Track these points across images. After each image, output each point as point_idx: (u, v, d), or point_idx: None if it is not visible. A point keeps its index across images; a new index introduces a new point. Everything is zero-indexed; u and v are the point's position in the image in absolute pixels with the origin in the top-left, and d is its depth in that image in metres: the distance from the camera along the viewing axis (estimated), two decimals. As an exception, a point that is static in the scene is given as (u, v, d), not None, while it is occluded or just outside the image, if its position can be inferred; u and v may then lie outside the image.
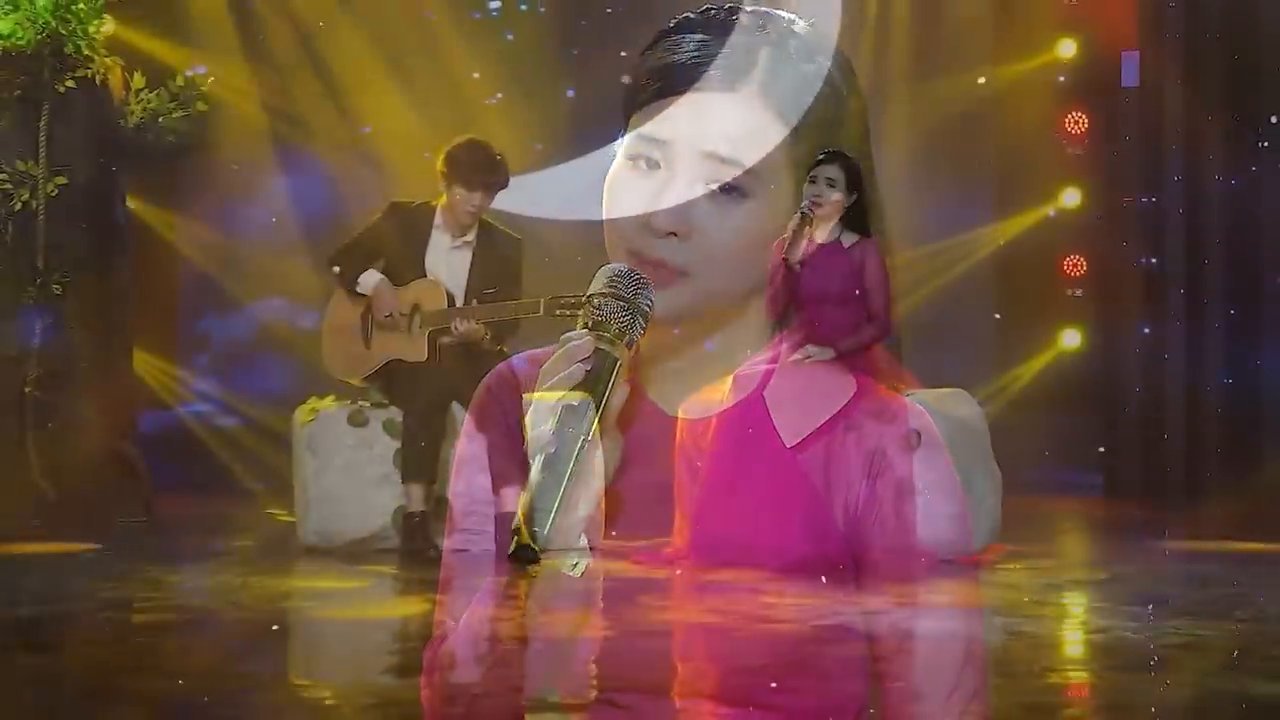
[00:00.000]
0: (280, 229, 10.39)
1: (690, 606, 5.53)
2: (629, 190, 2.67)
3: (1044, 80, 11.31)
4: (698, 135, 2.67)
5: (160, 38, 10.60)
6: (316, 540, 7.01)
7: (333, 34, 11.15)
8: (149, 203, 10.55)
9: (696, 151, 2.65)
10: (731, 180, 2.68)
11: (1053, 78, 11.33)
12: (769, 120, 2.77)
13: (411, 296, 6.99)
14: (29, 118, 8.06)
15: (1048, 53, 11.27)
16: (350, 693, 2.53)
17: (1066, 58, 11.26)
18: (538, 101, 11.35)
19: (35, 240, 8.04)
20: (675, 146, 2.66)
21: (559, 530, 2.78)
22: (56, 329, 8.11)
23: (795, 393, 6.78)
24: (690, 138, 2.66)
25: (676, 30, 2.76)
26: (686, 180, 2.64)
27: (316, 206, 10.35)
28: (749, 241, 2.83)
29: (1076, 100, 11.28)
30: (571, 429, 2.45)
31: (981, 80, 11.33)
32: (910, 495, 6.70)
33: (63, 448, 8.08)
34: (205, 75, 8.84)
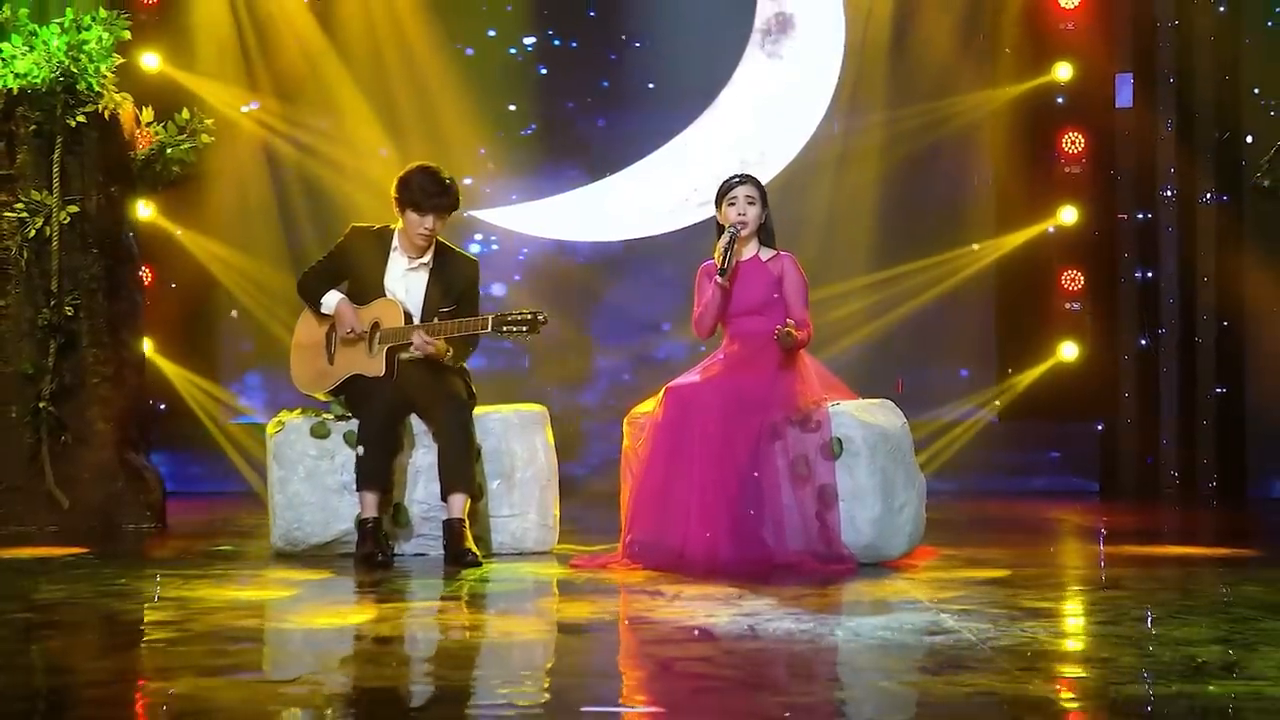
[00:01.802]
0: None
1: (553, 611, 5.52)
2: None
3: (1042, 102, 11.14)
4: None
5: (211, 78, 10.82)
6: (283, 545, 7.05)
7: (379, 67, 11.25)
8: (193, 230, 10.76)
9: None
10: None
11: (1051, 99, 11.15)
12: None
13: (371, 315, 7.02)
14: (44, 150, 8.17)
15: (1045, 75, 11.10)
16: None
17: (1064, 80, 11.08)
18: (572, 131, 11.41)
19: (49, 265, 8.15)
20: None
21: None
22: (69, 347, 8.21)
23: (723, 404, 6.77)
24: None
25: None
26: None
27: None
28: None
29: (1073, 121, 11.10)
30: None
31: (983, 101, 11.21)
32: (833, 501, 6.69)
33: (75, 459, 8.20)
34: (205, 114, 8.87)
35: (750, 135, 11.33)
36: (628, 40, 11.43)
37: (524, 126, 11.40)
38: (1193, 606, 5.47)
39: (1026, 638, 4.72)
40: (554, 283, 11.20)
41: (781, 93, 11.36)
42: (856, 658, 4.54)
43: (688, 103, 11.40)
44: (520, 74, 11.40)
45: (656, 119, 11.35)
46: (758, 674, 4.29)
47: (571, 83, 11.42)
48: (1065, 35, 11.10)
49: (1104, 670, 4.22)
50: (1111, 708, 3.77)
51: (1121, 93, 11.00)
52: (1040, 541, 8.11)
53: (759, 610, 5.28)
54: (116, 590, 5.91)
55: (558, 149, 11.37)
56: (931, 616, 5.16)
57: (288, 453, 7.06)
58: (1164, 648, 4.55)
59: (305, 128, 11.14)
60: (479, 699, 4.00)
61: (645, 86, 11.38)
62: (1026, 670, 4.20)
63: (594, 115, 11.50)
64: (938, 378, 11.38)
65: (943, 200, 11.26)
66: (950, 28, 11.21)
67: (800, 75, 11.39)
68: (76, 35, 8.18)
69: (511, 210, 11.44)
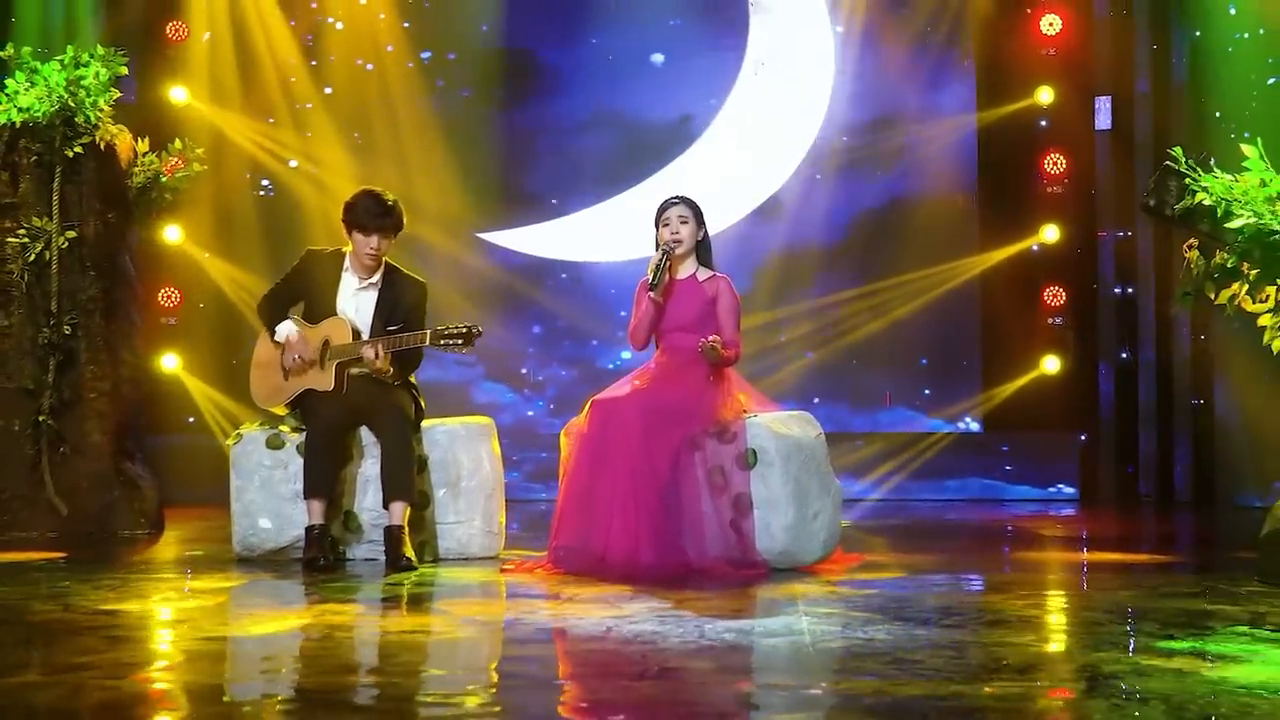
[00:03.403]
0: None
1: (465, 611, 5.53)
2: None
3: (1025, 124, 11.06)
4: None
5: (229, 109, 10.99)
6: (242, 550, 7.12)
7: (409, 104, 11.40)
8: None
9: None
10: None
11: (1033, 122, 11.06)
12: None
13: (322, 333, 7.08)
14: (44, 180, 8.31)
15: (1028, 99, 11.02)
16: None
17: (1045, 104, 10.99)
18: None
19: (49, 287, 8.29)
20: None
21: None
22: (68, 364, 8.35)
23: (644, 416, 6.77)
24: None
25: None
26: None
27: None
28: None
29: (1055, 143, 11.00)
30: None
31: (967, 123, 11.16)
32: (748, 509, 6.66)
33: (74, 469, 8.31)
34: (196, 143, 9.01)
35: (742, 157, 11.35)
36: (623, 60, 11.48)
37: (531, 153, 11.48)
38: (1044, 611, 5.40)
39: (857, 640, 4.67)
40: (578, 300, 11.36)
41: (773, 116, 11.35)
42: (670, 657, 4.51)
43: (685, 127, 11.45)
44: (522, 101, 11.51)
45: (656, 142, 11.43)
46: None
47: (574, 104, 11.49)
48: (1047, 61, 11.03)
49: (897, 671, 4.17)
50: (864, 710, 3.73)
51: (1100, 115, 10.89)
52: (986, 548, 8.02)
53: (634, 612, 5.27)
54: (54, 591, 5.97)
55: (562, 173, 11.43)
56: (788, 620, 5.13)
57: (245, 463, 7.14)
58: (980, 650, 4.49)
59: (320, 161, 11.28)
60: (335, 694, 4.01)
61: (646, 109, 11.43)
62: (794, 671, 4.17)
63: (595, 136, 11.54)
64: (923, 389, 11.32)
65: (928, 219, 11.20)
66: (934, 53, 11.18)
67: (790, 100, 11.37)
68: (75, 71, 8.32)
69: (519, 233, 11.51)
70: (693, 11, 11.43)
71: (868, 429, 11.28)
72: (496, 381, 11.56)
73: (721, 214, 11.33)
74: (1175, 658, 4.34)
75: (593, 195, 11.42)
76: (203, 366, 11.00)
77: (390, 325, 7.06)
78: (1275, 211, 5.93)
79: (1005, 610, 5.35)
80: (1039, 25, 11.00)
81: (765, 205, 11.38)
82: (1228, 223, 5.93)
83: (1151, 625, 4.99)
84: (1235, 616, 5.16)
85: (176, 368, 10.97)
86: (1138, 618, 5.19)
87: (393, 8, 11.49)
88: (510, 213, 11.53)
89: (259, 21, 11.24)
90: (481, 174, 11.45)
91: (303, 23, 11.45)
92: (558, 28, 11.52)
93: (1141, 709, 3.65)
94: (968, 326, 11.26)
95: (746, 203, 11.34)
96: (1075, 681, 4.00)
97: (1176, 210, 6.12)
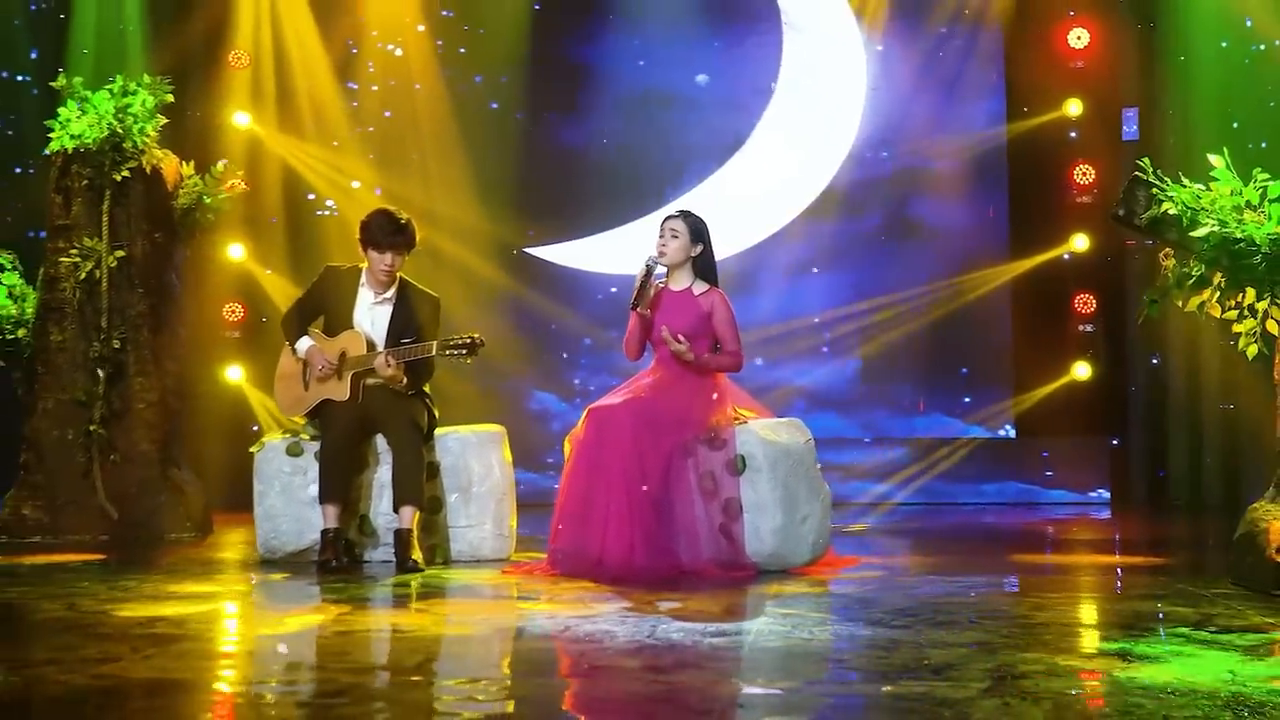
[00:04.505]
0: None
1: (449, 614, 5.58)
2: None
3: (1055, 136, 10.96)
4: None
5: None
6: (265, 553, 7.24)
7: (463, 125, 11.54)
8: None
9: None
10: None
11: (1063, 134, 10.95)
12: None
13: (339, 345, 7.18)
14: (95, 202, 8.51)
15: (1057, 111, 10.92)
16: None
17: (1074, 116, 10.89)
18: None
19: (100, 303, 8.48)
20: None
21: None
22: (118, 377, 8.53)
23: (636, 424, 6.80)
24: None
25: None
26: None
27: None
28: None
29: (1084, 154, 10.89)
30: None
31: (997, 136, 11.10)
32: (738, 514, 6.68)
33: (123, 476, 8.49)
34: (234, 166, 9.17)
35: (778, 171, 11.36)
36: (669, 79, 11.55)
37: (577, 171, 11.56)
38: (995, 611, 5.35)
39: (797, 640, 4.67)
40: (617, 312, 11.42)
41: (808, 131, 11.35)
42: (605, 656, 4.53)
43: (724, 141, 11.49)
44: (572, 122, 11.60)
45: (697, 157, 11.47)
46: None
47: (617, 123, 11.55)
48: (1075, 74, 10.92)
49: (814, 668, 4.18)
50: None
51: (1127, 127, 10.75)
52: (996, 551, 7.95)
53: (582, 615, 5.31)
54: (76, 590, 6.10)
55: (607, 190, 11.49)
56: (743, 623, 5.14)
57: (266, 469, 7.26)
58: (908, 649, 4.47)
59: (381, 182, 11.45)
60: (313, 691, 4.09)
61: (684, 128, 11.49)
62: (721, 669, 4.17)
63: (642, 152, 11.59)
64: (957, 394, 11.26)
65: (960, 229, 11.15)
66: (967, 66, 11.12)
67: (824, 115, 11.36)
68: (123, 99, 8.51)
69: (561, 248, 11.60)
70: (732, 33, 11.46)
71: (904, 434, 11.23)
72: (546, 391, 11.64)
73: (758, 227, 11.38)
74: (1097, 658, 4.30)
75: (635, 211, 11.46)
76: (264, 378, 11.09)
77: (404, 338, 7.14)
78: (1242, 220, 5.84)
79: (958, 611, 5.32)
80: (1067, 39, 10.89)
81: (800, 218, 11.37)
82: (1193, 231, 5.85)
83: (1096, 626, 4.95)
84: (1184, 618, 5.10)
85: (240, 379, 11.14)
86: (1085, 619, 5.14)
87: (448, 33, 11.62)
88: (556, 228, 11.61)
89: (319, 50, 11.41)
90: (531, 191, 11.54)
91: (364, 51, 11.62)
92: (608, 48, 11.59)
93: (1027, 708, 3.63)
94: (1000, 334, 11.18)
95: (782, 216, 11.34)
96: (981, 681, 3.97)
97: (1143, 220, 6.04)
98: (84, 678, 4.12)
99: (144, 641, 4.75)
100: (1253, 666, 4.17)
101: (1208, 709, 3.61)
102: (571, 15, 11.60)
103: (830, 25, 11.40)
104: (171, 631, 4.98)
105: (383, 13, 11.52)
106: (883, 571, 6.68)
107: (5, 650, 4.68)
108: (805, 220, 11.39)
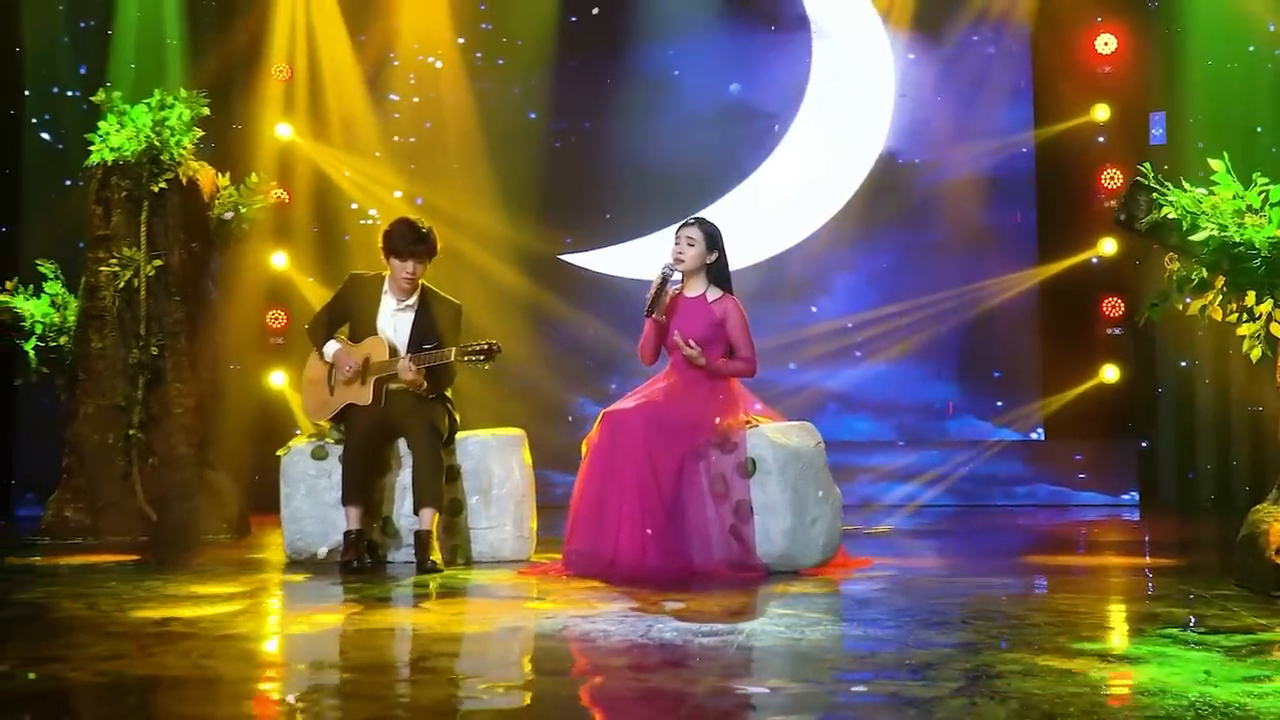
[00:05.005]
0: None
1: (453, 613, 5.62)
2: None
3: (1083, 141, 10.90)
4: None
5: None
6: (291, 553, 7.33)
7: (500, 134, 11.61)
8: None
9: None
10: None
11: (1091, 138, 10.89)
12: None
13: (363, 351, 7.25)
14: (133, 213, 8.63)
15: (1085, 116, 10.86)
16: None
17: (1101, 121, 10.83)
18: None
19: (139, 311, 8.60)
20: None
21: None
22: (156, 383, 8.65)
23: (648, 429, 6.83)
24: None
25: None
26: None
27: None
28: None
29: (1112, 158, 10.81)
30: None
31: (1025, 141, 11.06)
32: (749, 515, 6.69)
33: (162, 479, 8.61)
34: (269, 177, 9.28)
35: (809, 176, 11.37)
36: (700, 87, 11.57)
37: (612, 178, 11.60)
38: (989, 612, 5.34)
39: (783, 640, 4.69)
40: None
41: (837, 137, 11.35)
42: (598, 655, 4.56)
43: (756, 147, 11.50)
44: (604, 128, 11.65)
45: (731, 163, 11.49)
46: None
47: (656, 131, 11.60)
48: (1103, 79, 10.85)
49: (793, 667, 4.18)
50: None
51: (1155, 131, 10.68)
52: (1010, 552, 7.93)
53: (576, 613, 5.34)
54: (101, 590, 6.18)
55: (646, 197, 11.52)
56: (737, 624, 5.15)
57: (291, 472, 7.35)
58: (892, 650, 4.47)
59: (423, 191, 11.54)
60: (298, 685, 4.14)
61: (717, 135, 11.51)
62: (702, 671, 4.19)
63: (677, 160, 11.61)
64: (986, 397, 11.21)
65: (988, 232, 11.12)
66: (994, 72, 11.09)
67: (853, 121, 11.36)
68: (160, 113, 8.62)
69: (597, 254, 11.64)
70: (762, 42, 11.48)
71: (935, 436, 11.20)
72: (585, 396, 11.67)
73: (789, 232, 11.38)
74: (1077, 658, 4.28)
75: (672, 216, 11.46)
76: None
77: (426, 343, 7.20)
78: (1242, 223, 5.80)
79: (954, 612, 5.31)
80: (1094, 45, 10.83)
81: (830, 222, 11.36)
82: (1192, 235, 5.82)
83: (1086, 627, 4.93)
84: (1176, 619, 5.08)
85: (284, 384, 11.25)
86: (1079, 619, 5.11)
87: (486, 45, 11.71)
88: (593, 235, 11.66)
89: (358, 63, 11.52)
90: (568, 199, 11.60)
91: (404, 63, 11.71)
92: (642, 59, 11.62)
93: (993, 708, 3.63)
94: (1029, 337, 11.13)
95: (813, 220, 11.34)
96: (955, 680, 3.97)
97: (1143, 224, 6.01)
98: (85, 674, 4.19)
99: (152, 640, 4.83)
100: (1230, 667, 4.14)
101: (1172, 709, 3.60)
102: (606, 26, 11.63)
103: (859, 32, 11.39)
104: (181, 630, 5.04)
105: (422, 26, 11.61)
106: (893, 573, 6.67)
107: (18, 648, 4.75)
108: (835, 225, 11.38)
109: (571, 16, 11.69)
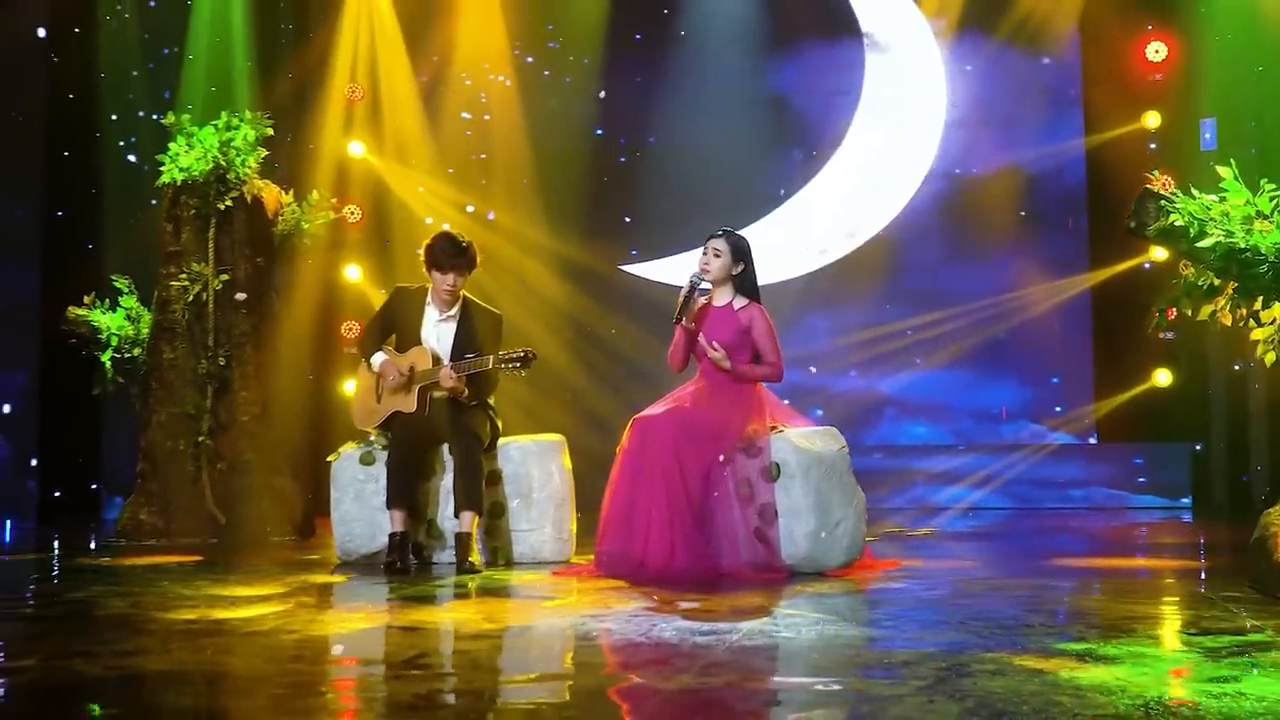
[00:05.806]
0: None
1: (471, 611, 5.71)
2: None
3: (1134, 147, 10.81)
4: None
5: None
6: (342, 555, 7.47)
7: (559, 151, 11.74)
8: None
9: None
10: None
11: (1142, 145, 10.78)
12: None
13: (408, 360, 7.38)
14: (201, 230, 8.85)
15: (1136, 123, 10.76)
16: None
17: (1153, 128, 10.73)
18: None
19: (207, 324, 8.82)
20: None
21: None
22: (223, 391, 8.86)
23: (676, 434, 6.89)
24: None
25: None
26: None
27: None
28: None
29: (1163, 164, 10.66)
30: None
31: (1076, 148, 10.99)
32: (773, 518, 6.74)
33: (229, 483, 8.81)
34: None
35: (863, 185, 11.37)
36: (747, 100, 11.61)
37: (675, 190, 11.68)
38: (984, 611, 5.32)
39: (780, 638, 4.72)
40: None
41: (890, 148, 11.34)
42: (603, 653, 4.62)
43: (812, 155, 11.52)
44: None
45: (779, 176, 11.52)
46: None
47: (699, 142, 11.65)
48: (1154, 86, 10.75)
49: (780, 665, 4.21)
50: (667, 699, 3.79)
51: (1206, 137, 10.55)
52: (1042, 555, 7.87)
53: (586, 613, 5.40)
54: (150, 590, 6.34)
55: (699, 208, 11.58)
56: (751, 624, 5.19)
57: (341, 477, 7.49)
58: (875, 648, 4.49)
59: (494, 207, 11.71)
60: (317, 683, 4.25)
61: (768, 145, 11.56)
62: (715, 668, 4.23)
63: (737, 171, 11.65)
64: (1040, 401, 11.15)
65: (1043, 238, 11.06)
66: (1045, 83, 11.03)
67: (907, 132, 11.34)
68: (226, 134, 8.83)
69: (651, 265, 11.73)
70: (813, 53, 11.50)
71: (990, 440, 11.15)
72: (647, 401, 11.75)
73: (846, 240, 11.38)
74: (1054, 659, 4.27)
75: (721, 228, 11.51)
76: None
77: (468, 353, 7.31)
78: (1249, 230, 5.74)
79: (952, 612, 5.31)
80: (1145, 53, 10.73)
81: (886, 230, 11.36)
82: (1199, 242, 5.77)
83: (1079, 627, 4.91)
84: (1174, 619, 5.04)
85: (350, 392, 11.41)
86: (1075, 620, 5.09)
87: (554, 63, 11.86)
88: (656, 246, 11.75)
89: (425, 83, 11.70)
90: (634, 211, 11.71)
91: (476, 83, 11.88)
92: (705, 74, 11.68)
93: (949, 706, 3.64)
94: (1082, 341, 11.05)
95: (869, 228, 11.35)
96: (923, 679, 3.98)
97: (1152, 231, 5.97)
98: (99, 668, 4.32)
99: (177, 636, 4.96)
100: (1202, 668, 4.11)
101: (1124, 708, 3.59)
102: (667, 43, 11.74)
103: (911, 43, 11.40)
104: (208, 628, 5.16)
105: (488, 45, 11.80)
106: (917, 575, 6.66)
107: (50, 644, 4.91)
108: (891, 232, 11.38)
109: (636, 34, 11.79)
